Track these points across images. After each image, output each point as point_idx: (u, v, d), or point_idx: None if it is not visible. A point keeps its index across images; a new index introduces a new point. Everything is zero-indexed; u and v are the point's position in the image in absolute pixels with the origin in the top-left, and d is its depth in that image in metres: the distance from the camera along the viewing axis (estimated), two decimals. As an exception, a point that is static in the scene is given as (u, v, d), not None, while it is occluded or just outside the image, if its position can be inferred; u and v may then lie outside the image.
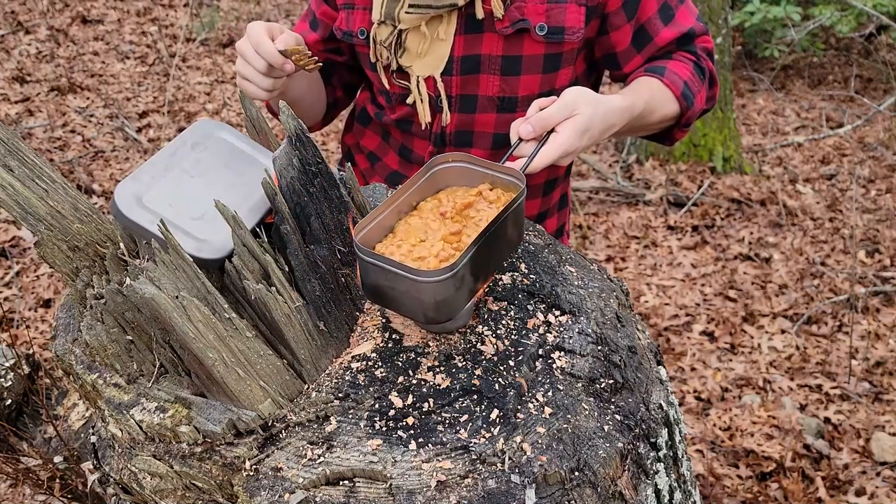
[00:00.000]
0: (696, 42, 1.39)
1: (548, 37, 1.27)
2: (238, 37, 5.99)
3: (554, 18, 1.26)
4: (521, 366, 0.96)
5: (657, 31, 1.35)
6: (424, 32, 1.28)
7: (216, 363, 0.87)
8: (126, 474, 0.99)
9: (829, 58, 6.75)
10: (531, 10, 1.26)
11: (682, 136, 1.45)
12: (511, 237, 1.02)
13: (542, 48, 1.29)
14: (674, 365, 3.04)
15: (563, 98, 1.15)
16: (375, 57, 1.35)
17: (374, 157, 1.56)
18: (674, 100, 1.34)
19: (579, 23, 1.28)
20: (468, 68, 1.31)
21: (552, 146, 1.13)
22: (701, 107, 1.40)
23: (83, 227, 1.03)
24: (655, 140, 1.48)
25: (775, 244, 3.90)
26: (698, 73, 1.37)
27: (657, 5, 1.33)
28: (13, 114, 4.51)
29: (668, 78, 1.33)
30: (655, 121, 1.34)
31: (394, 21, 1.29)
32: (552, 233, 1.59)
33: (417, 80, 1.33)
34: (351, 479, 0.86)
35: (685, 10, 1.38)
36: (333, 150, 4.65)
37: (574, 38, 1.28)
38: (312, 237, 0.98)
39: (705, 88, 1.40)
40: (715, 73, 1.43)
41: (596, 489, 0.87)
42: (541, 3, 1.26)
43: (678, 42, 1.37)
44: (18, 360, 1.39)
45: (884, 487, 2.47)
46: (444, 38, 1.29)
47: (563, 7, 1.26)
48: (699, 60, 1.38)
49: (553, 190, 1.53)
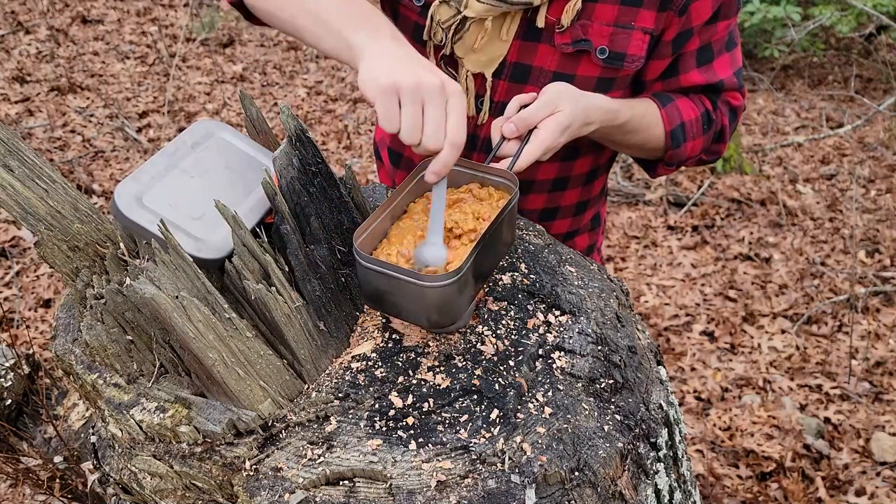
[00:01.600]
0: (723, 95, 1.33)
1: (607, 61, 1.21)
2: (238, 36, 5.99)
3: (618, 44, 1.20)
4: (521, 366, 0.96)
5: (687, 69, 1.29)
6: (488, 27, 1.20)
7: (216, 363, 0.87)
8: (126, 474, 0.99)
9: (829, 58, 6.75)
10: (595, 32, 1.19)
11: (665, 173, 1.39)
12: (507, 239, 1.03)
13: (598, 71, 1.23)
14: (674, 365, 3.04)
15: (545, 95, 1.12)
16: (429, 35, 1.25)
17: (395, 153, 1.51)
18: (663, 133, 1.29)
19: (641, 51, 1.22)
20: (518, 76, 1.25)
21: (534, 145, 1.10)
22: (692, 154, 1.34)
23: (83, 227, 1.03)
24: (641, 165, 1.43)
25: (775, 244, 3.90)
26: (704, 121, 1.31)
27: (698, 44, 1.26)
28: (13, 114, 4.51)
29: (667, 110, 1.28)
30: (636, 142, 1.29)
31: (459, 5, 1.19)
32: (581, 252, 1.55)
33: (467, 74, 1.26)
34: (351, 479, 0.86)
35: (726, 60, 1.30)
36: (333, 149, 4.65)
37: (633, 66, 1.23)
38: (312, 237, 0.98)
39: (706, 139, 1.34)
40: (727, 131, 1.36)
41: (596, 489, 0.87)
42: (607, 26, 1.19)
43: (703, 89, 1.31)
44: (18, 360, 1.39)
45: (884, 487, 2.47)
46: (506, 38, 1.22)
47: (628, 34, 1.19)
48: (714, 112, 1.32)
49: (585, 210, 1.49)
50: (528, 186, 1.38)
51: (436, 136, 0.96)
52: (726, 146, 1.39)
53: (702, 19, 1.22)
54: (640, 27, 1.20)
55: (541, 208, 1.43)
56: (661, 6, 1.19)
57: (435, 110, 0.96)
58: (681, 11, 1.20)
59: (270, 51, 5.97)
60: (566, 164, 1.38)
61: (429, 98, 0.95)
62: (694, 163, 1.39)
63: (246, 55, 5.81)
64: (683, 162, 1.36)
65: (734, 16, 1.27)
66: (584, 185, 1.44)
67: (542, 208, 1.43)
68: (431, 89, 0.95)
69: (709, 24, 1.24)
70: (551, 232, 1.47)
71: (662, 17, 1.20)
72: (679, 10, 1.20)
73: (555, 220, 1.46)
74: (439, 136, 0.96)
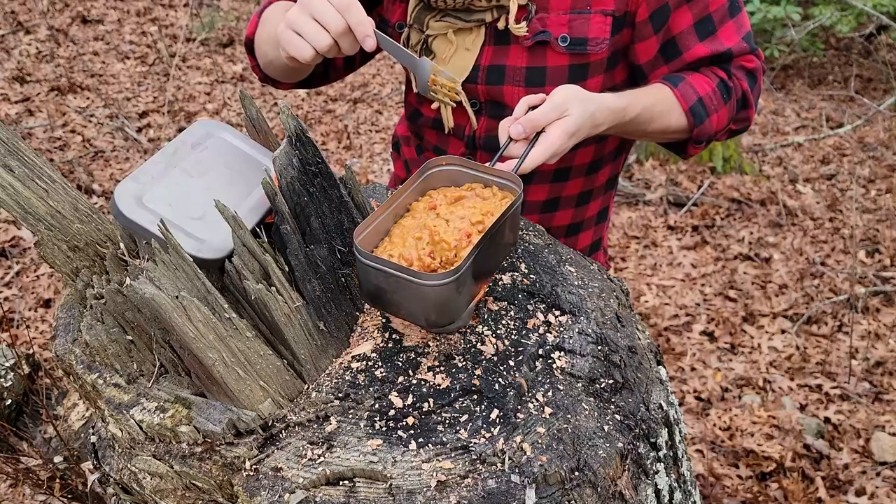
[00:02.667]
0: (736, 61, 1.32)
1: (570, 48, 1.25)
2: (238, 36, 5.99)
3: (577, 30, 1.24)
4: (521, 366, 0.96)
5: (689, 45, 1.29)
6: (452, 40, 1.30)
7: (216, 363, 0.87)
8: (126, 474, 0.99)
9: (829, 58, 6.75)
10: (553, 22, 1.24)
11: (696, 151, 1.39)
12: (508, 239, 1.03)
13: (566, 59, 1.27)
14: (674, 365, 3.04)
15: (554, 97, 1.13)
16: None
17: (420, 149, 1.55)
18: (682, 113, 1.28)
19: (604, 33, 1.24)
20: (494, 78, 1.30)
21: (541, 148, 1.11)
22: (720, 127, 1.34)
23: (83, 227, 1.03)
24: (670, 150, 1.43)
25: (775, 244, 3.90)
26: (722, 91, 1.31)
27: (692, 19, 1.27)
28: (13, 114, 4.51)
29: (680, 90, 1.28)
30: (656, 130, 1.30)
31: (422, 27, 1.30)
32: (585, 247, 1.56)
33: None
34: (351, 479, 0.86)
35: (731, 27, 1.29)
36: (333, 149, 4.66)
37: (599, 48, 1.25)
38: (312, 237, 0.98)
39: (730, 109, 1.33)
40: (750, 95, 1.34)
41: (596, 489, 0.87)
42: (563, 15, 1.24)
43: (712, 60, 1.31)
44: (18, 360, 1.39)
45: (884, 487, 2.47)
46: (471, 48, 1.30)
47: (586, 18, 1.24)
48: (730, 79, 1.31)
49: (589, 202, 1.49)
50: (528, 177, 1.39)
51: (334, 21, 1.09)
52: (755, 110, 1.38)
53: None
54: (599, 10, 1.24)
55: (543, 200, 1.44)
56: None
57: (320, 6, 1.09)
58: None
59: (270, 51, 5.95)
60: (567, 155, 1.38)
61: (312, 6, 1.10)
62: (725, 135, 1.39)
63: (246, 55, 5.81)
64: (714, 136, 1.35)
65: None
66: (586, 175, 1.44)
67: (544, 200, 1.44)
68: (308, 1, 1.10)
69: None
70: (554, 224, 1.47)
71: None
72: None
73: (557, 210, 1.47)
74: (336, 18, 1.09)
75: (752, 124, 1.42)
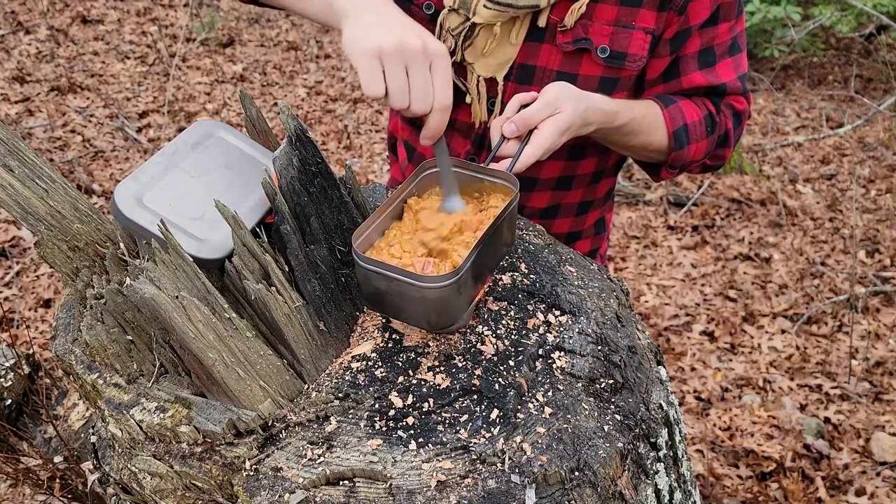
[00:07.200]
0: (727, 99, 1.32)
1: (608, 60, 1.22)
2: (238, 36, 5.99)
3: (618, 43, 1.21)
4: (521, 366, 0.96)
5: (688, 71, 1.28)
6: (496, 32, 1.22)
7: (216, 363, 0.87)
8: (126, 474, 0.99)
9: (829, 58, 6.75)
10: (596, 31, 1.20)
11: (668, 176, 1.38)
12: (506, 239, 1.03)
13: (601, 70, 1.23)
14: (674, 365, 3.04)
15: (546, 95, 1.12)
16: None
17: (410, 147, 1.51)
18: (665, 134, 1.28)
19: (643, 51, 1.22)
20: (523, 77, 1.26)
21: (534, 146, 1.10)
22: (696, 158, 1.33)
23: (83, 227, 1.03)
24: (644, 169, 1.42)
25: (775, 244, 3.90)
26: (708, 123, 1.30)
27: (699, 46, 1.26)
28: (13, 114, 4.51)
29: (669, 111, 1.27)
30: (638, 144, 1.28)
31: (468, 12, 1.21)
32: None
33: (478, 79, 1.27)
34: (351, 479, 0.86)
35: (729, 64, 1.29)
36: (333, 149, 4.65)
37: (635, 65, 1.23)
38: (312, 237, 0.98)
39: (710, 142, 1.32)
40: (731, 136, 1.34)
41: (596, 489, 0.87)
42: (607, 25, 1.20)
43: (706, 92, 1.30)
44: (18, 360, 1.39)
45: (884, 487, 2.47)
46: (515, 42, 1.23)
47: (629, 33, 1.20)
48: (717, 114, 1.31)
49: (588, 212, 1.48)
50: (531, 184, 1.38)
51: (424, 98, 0.97)
52: (731, 151, 1.38)
53: (700, 18, 1.22)
54: (641, 27, 1.21)
55: (544, 206, 1.43)
56: (661, 6, 1.20)
57: (419, 71, 0.96)
58: (680, 10, 1.21)
59: (270, 51, 5.97)
60: (571, 164, 1.37)
61: (412, 60, 0.95)
62: (699, 168, 1.38)
63: (246, 55, 5.81)
64: (687, 166, 1.35)
65: (736, 19, 1.27)
66: (588, 186, 1.44)
67: (545, 207, 1.43)
68: (415, 51, 0.95)
69: (709, 26, 1.24)
70: (552, 232, 1.46)
71: (663, 16, 1.21)
72: (679, 8, 1.20)
73: (556, 218, 1.46)
74: (427, 98, 0.97)
75: (725, 163, 1.42)
